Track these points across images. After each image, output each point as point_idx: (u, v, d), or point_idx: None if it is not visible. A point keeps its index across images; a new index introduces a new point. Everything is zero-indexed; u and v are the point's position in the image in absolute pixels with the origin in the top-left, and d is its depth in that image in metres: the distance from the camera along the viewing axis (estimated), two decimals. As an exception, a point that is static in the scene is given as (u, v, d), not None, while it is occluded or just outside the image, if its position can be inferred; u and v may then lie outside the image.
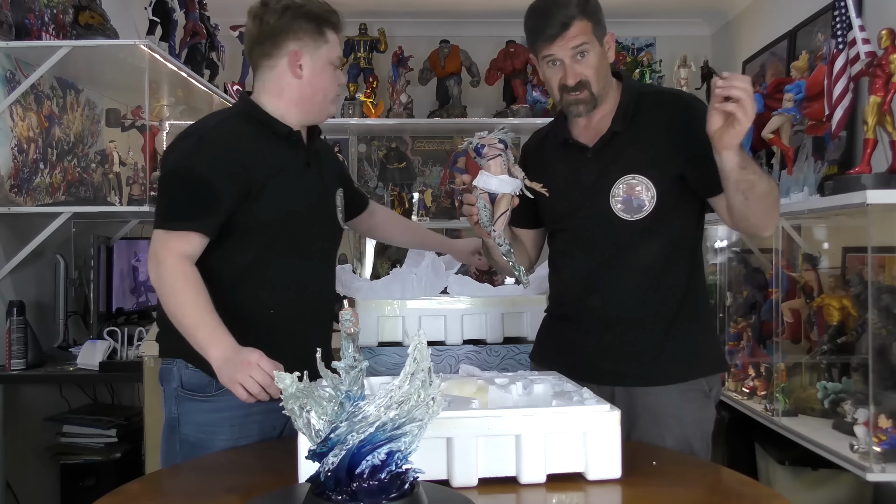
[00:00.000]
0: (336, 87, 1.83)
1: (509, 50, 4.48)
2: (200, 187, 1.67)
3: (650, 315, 1.78)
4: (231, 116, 1.82)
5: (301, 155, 1.83)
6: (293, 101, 1.79)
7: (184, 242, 1.65)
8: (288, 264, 1.78)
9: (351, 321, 1.12)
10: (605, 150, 1.79)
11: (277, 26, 1.76)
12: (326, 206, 1.88)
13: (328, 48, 1.79)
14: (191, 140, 1.73)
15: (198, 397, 1.75)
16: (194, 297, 1.62)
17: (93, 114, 3.56)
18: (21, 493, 2.85)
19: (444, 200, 4.63)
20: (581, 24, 1.71)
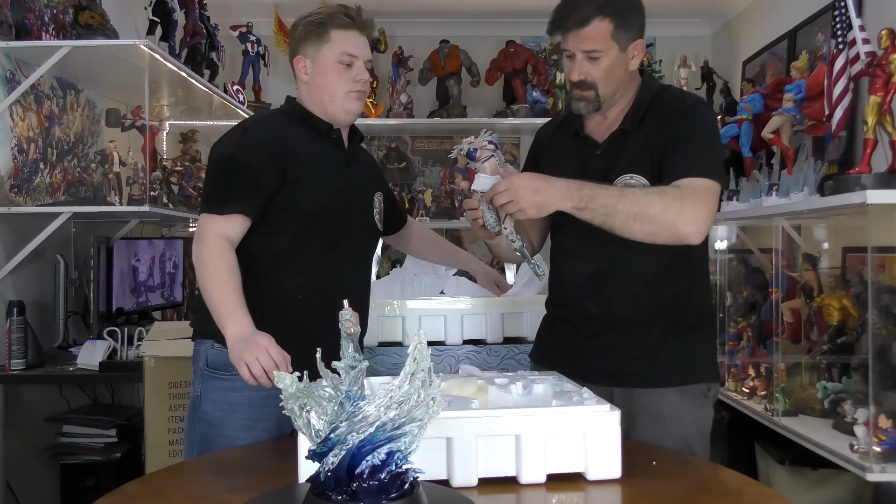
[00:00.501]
0: (345, 83, 1.86)
1: (509, 50, 4.48)
2: (241, 172, 1.78)
3: (650, 318, 1.77)
4: (276, 114, 1.96)
5: (341, 154, 1.92)
6: (310, 103, 1.90)
7: (225, 224, 1.75)
8: (321, 255, 1.86)
9: (351, 321, 1.12)
10: (613, 147, 1.78)
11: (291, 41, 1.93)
12: (363, 205, 1.96)
13: (330, 47, 1.84)
14: (236, 132, 1.85)
15: (220, 375, 1.81)
16: (225, 275, 1.70)
17: (93, 114, 3.56)
18: (21, 493, 2.85)
19: (444, 200, 4.63)
20: (601, 24, 1.69)
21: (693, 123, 1.73)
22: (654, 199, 1.62)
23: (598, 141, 1.81)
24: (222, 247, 1.74)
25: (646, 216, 1.62)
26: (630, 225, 1.63)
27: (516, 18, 4.52)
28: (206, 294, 1.71)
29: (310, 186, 1.83)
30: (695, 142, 1.71)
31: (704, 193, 1.66)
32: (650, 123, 1.76)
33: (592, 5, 1.69)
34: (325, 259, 1.87)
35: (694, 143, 1.71)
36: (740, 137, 3.09)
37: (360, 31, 1.88)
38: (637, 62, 1.78)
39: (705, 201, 1.66)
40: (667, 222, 1.62)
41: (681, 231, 1.64)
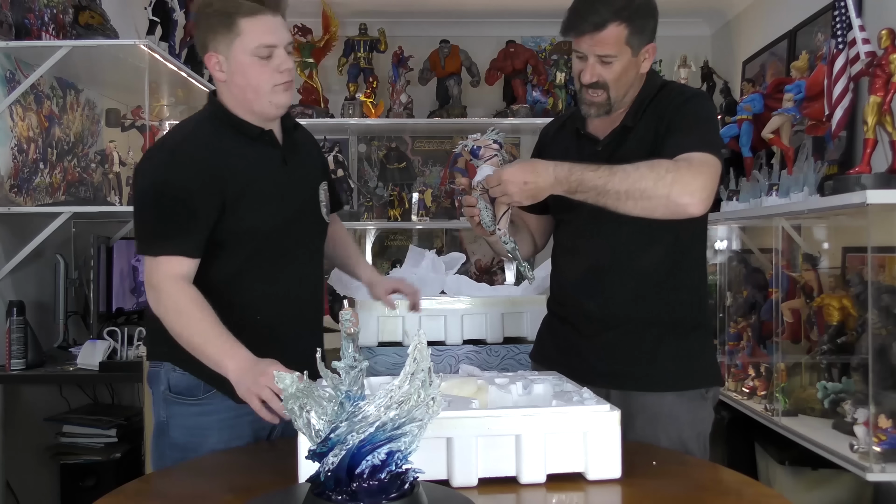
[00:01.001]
0: (268, 78, 1.67)
1: (509, 50, 4.48)
2: (177, 205, 1.62)
3: (648, 320, 1.77)
4: (201, 122, 1.76)
5: (277, 153, 1.77)
6: (233, 104, 1.72)
7: (175, 264, 1.62)
8: (273, 270, 1.74)
9: (351, 321, 1.12)
10: (613, 144, 1.78)
11: (196, 35, 1.73)
12: (309, 204, 1.83)
13: (242, 41, 1.65)
14: (162, 154, 1.69)
15: (186, 401, 1.72)
16: (199, 315, 1.59)
17: (93, 114, 3.56)
18: (21, 493, 2.85)
19: (444, 200, 4.63)
20: (616, 28, 1.68)
21: (690, 110, 1.72)
22: (645, 173, 1.58)
23: (599, 138, 1.81)
24: (181, 287, 1.61)
25: (638, 191, 1.57)
26: (623, 202, 1.59)
27: (516, 18, 4.52)
28: (186, 340, 1.60)
29: (252, 202, 1.69)
30: (691, 123, 1.69)
31: (700, 164, 1.60)
32: (649, 118, 1.76)
33: (610, 9, 1.67)
34: (278, 271, 1.75)
35: (692, 125, 1.69)
36: (740, 137, 3.09)
37: (272, 13, 1.67)
38: (648, 65, 1.77)
39: (702, 170, 1.59)
40: (660, 194, 1.57)
41: (676, 202, 1.57)
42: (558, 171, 1.62)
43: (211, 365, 1.59)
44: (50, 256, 3.06)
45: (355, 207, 4.46)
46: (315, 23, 4.35)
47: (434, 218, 4.51)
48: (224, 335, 1.58)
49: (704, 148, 1.64)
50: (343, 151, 4.53)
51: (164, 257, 1.62)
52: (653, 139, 1.72)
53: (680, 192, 1.57)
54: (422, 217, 4.48)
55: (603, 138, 1.80)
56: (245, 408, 1.62)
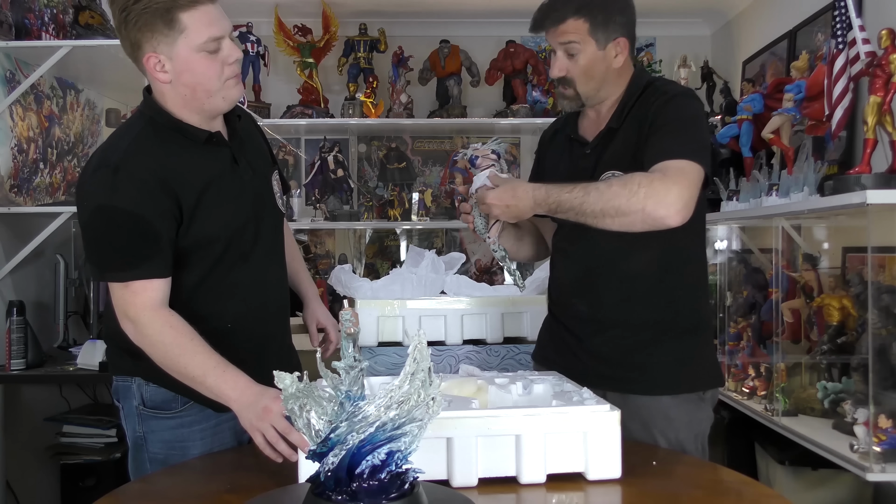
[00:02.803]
0: (218, 73, 1.56)
1: (509, 50, 4.47)
2: (134, 231, 1.52)
3: (641, 322, 1.76)
4: (141, 133, 1.60)
5: (226, 153, 1.66)
6: (178, 105, 1.60)
7: (150, 292, 1.53)
8: (238, 273, 1.67)
9: (351, 321, 1.12)
10: (600, 145, 1.79)
11: (123, 33, 1.57)
12: (264, 198, 1.75)
13: (187, 37, 1.52)
14: (104, 175, 1.54)
15: (162, 415, 1.67)
16: (191, 345, 1.52)
17: (93, 114, 3.56)
18: (21, 493, 2.85)
19: (444, 200, 4.63)
20: (575, 23, 1.72)
21: (672, 111, 1.70)
22: (618, 191, 1.58)
23: (588, 140, 1.82)
24: (163, 318, 1.53)
25: (613, 209, 1.58)
26: (601, 220, 1.61)
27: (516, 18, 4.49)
28: (180, 373, 1.52)
29: (209, 210, 1.59)
30: (672, 127, 1.68)
31: (676, 173, 1.59)
32: (634, 118, 1.75)
33: (569, 6, 1.72)
34: (243, 273, 1.68)
35: (671, 128, 1.68)
36: (740, 137, 3.09)
37: (211, 3, 1.54)
38: (621, 60, 1.77)
39: (677, 181, 1.58)
40: (635, 210, 1.57)
41: (653, 216, 1.57)
42: (537, 193, 1.66)
43: (209, 395, 1.53)
44: (50, 256, 3.06)
45: (355, 207, 4.46)
46: (315, 23, 4.35)
47: (434, 218, 4.51)
48: (221, 364, 1.51)
49: (683, 154, 1.62)
50: (343, 151, 4.53)
51: (137, 284, 1.53)
52: (636, 140, 1.72)
53: (655, 206, 1.56)
54: (422, 217, 4.48)
55: (591, 140, 1.81)
56: (225, 414, 1.62)
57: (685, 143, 1.64)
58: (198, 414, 1.66)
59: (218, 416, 1.66)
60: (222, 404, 1.57)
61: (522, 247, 1.97)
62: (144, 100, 1.65)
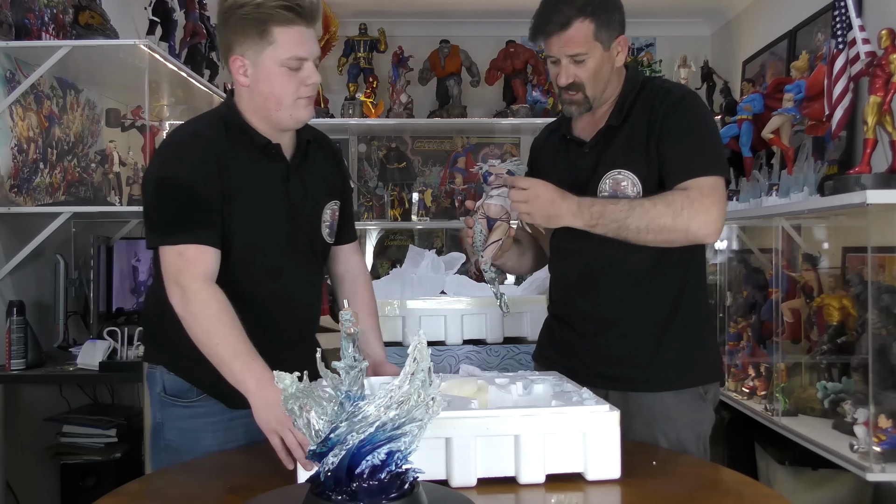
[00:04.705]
0: (293, 90, 1.63)
1: (509, 50, 4.48)
2: (190, 199, 1.59)
3: (642, 319, 1.77)
4: (211, 122, 1.70)
5: (279, 168, 1.71)
6: (250, 110, 1.67)
7: (202, 261, 1.56)
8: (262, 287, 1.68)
9: (351, 321, 1.12)
10: (600, 144, 1.78)
11: (221, 33, 1.66)
12: (309, 222, 1.75)
13: (274, 50, 1.60)
14: (169, 149, 1.66)
15: (179, 403, 1.70)
16: (230, 325, 1.52)
17: (93, 114, 3.56)
18: (21, 493, 2.85)
19: (443, 200, 4.63)
20: (582, 25, 1.69)
21: (685, 116, 1.72)
22: (663, 210, 1.64)
23: (585, 140, 1.81)
24: (212, 291, 1.54)
25: (658, 227, 1.65)
26: (643, 236, 1.66)
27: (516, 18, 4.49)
28: (210, 349, 1.52)
29: (244, 213, 1.64)
30: (692, 138, 1.71)
31: (712, 192, 1.67)
32: (636, 117, 1.75)
33: (572, 7, 1.69)
34: (266, 291, 1.68)
35: (692, 140, 1.71)
36: (740, 137, 3.09)
37: (306, 26, 1.62)
38: (622, 58, 1.77)
39: (714, 200, 1.67)
40: (679, 229, 1.65)
41: (695, 235, 1.67)
42: (582, 202, 1.67)
43: (230, 379, 1.51)
44: (50, 256, 3.06)
45: (355, 207, 4.47)
46: (315, 23, 4.35)
47: (434, 218, 4.51)
48: (252, 353, 1.50)
49: (710, 169, 1.69)
50: (343, 151, 4.54)
51: (191, 251, 1.56)
52: (644, 141, 1.72)
53: (699, 226, 1.65)
54: (422, 217, 4.48)
55: (589, 140, 1.80)
56: (238, 412, 1.62)
57: (711, 157, 1.71)
58: (211, 406, 1.68)
59: (231, 411, 1.66)
60: (234, 400, 1.57)
61: (524, 262, 1.97)
62: (226, 99, 1.75)
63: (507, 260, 1.84)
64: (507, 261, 1.85)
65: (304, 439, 1.31)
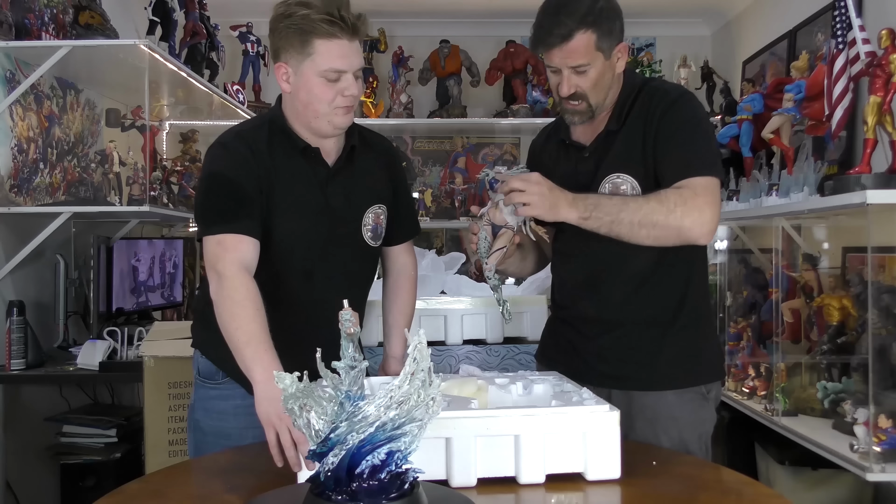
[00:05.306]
0: (330, 99, 1.68)
1: (509, 50, 4.48)
2: (233, 192, 1.67)
3: (646, 320, 1.77)
4: (258, 125, 1.79)
5: (320, 171, 1.76)
6: (292, 115, 1.75)
7: (240, 250, 1.63)
8: (293, 287, 1.74)
9: (351, 321, 1.12)
10: (600, 148, 1.78)
11: (270, 40, 1.73)
12: (348, 226, 1.79)
13: (313, 61, 1.65)
14: (217, 149, 1.75)
15: (208, 384, 1.81)
16: (252, 313, 1.56)
17: (93, 114, 3.56)
18: (21, 493, 2.85)
19: (443, 200, 4.63)
20: (584, 36, 1.67)
21: (680, 118, 1.72)
22: (656, 207, 1.64)
23: (585, 144, 1.81)
24: (245, 281, 1.60)
25: (650, 223, 1.64)
26: (636, 232, 1.66)
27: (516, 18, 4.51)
28: (230, 332, 1.57)
29: (282, 211, 1.71)
30: (686, 138, 1.70)
31: (705, 192, 1.66)
32: (634, 120, 1.75)
33: (574, 18, 1.67)
34: (297, 291, 1.74)
35: (685, 140, 1.70)
36: (740, 137, 3.09)
37: (348, 39, 1.66)
38: (622, 65, 1.76)
39: (707, 200, 1.66)
40: (672, 227, 1.64)
41: (687, 235, 1.66)
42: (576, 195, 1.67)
43: (241, 364, 1.55)
44: (50, 256, 3.06)
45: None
46: (315, 23, 4.34)
47: (434, 218, 4.51)
48: (266, 344, 1.53)
49: (704, 169, 1.69)
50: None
51: (229, 240, 1.63)
52: (640, 143, 1.72)
53: (691, 225, 1.65)
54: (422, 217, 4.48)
55: (589, 144, 1.80)
56: None
57: (705, 157, 1.71)
58: (235, 390, 1.75)
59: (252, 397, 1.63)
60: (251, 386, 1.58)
61: (526, 266, 1.97)
62: (275, 103, 1.82)
63: (510, 266, 1.84)
64: (510, 266, 1.85)
65: (301, 438, 1.34)
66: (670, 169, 1.69)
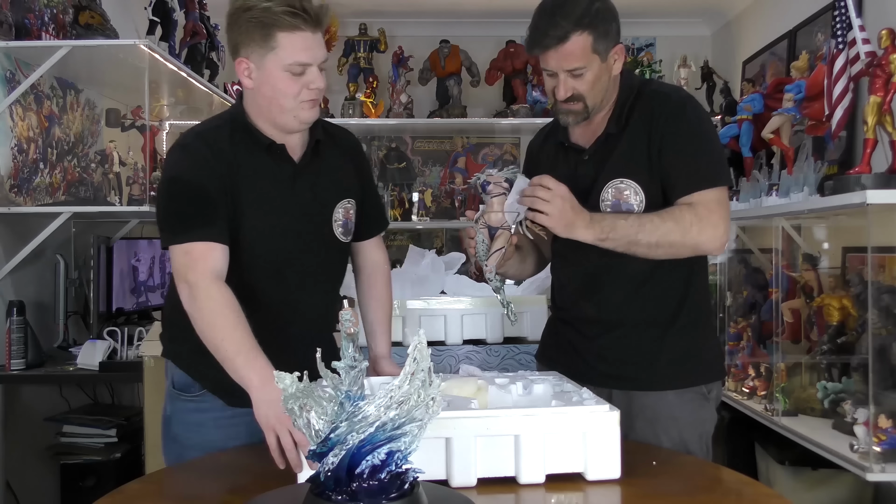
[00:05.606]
0: (295, 94, 1.62)
1: (509, 50, 4.48)
2: (197, 198, 1.61)
3: (646, 320, 1.77)
4: (218, 125, 1.71)
5: (286, 168, 1.70)
6: (255, 112, 1.68)
7: (209, 259, 1.57)
8: (265, 287, 1.69)
9: (351, 321, 1.12)
10: (600, 152, 1.77)
11: (229, 35, 1.66)
12: (317, 222, 1.74)
13: (276, 55, 1.59)
14: (176, 152, 1.69)
15: (184, 397, 1.74)
16: (235, 321, 1.52)
17: (93, 114, 3.56)
18: (21, 493, 2.85)
19: (444, 200, 4.63)
20: (580, 38, 1.66)
21: (688, 126, 1.72)
22: (672, 227, 1.67)
23: (585, 147, 1.80)
24: (219, 288, 1.55)
25: (667, 243, 1.67)
26: (653, 251, 1.69)
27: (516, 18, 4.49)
28: (215, 344, 1.53)
29: (250, 213, 1.65)
30: (695, 149, 1.71)
31: (718, 206, 1.70)
32: (636, 125, 1.74)
33: (569, 20, 1.66)
34: (269, 292, 1.69)
35: (695, 152, 1.71)
36: (740, 137, 3.09)
37: (311, 31, 1.60)
38: (619, 66, 1.76)
39: (722, 214, 1.70)
40: (689, 244, 1.69)
41: (703, 249, 1.72)
42: (594, 215, 1.68)
43: (233, 375, 1.51)
44: (50, 256, 3.06)
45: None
46: (315, 23, 4.34)
47: (434, 218, 4.51)
48: (256, 349, 1.50)
49: (715, 180, 1.71)
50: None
51: (198, 249, 1.57)
52: (645, 148, 1.72)
53: (707, 241, 1.70)
54: (422, 217, 4.48)
55: (588, 147, 1.80)
56: (239, 410, 1.62)
57: (714, 167, 1.73)
58: (213, 402, 1.70)
59: (233, 409, 1.66)
60: (234, 398, 1.59)
61: (526, 268, 1.97)
62: (236, 100, 1.76)
63: (510, 268, 1.84)
64: (510, 268, 1.85)
65: (302, 439, 1.33)
66: (680, 181, 1.70)
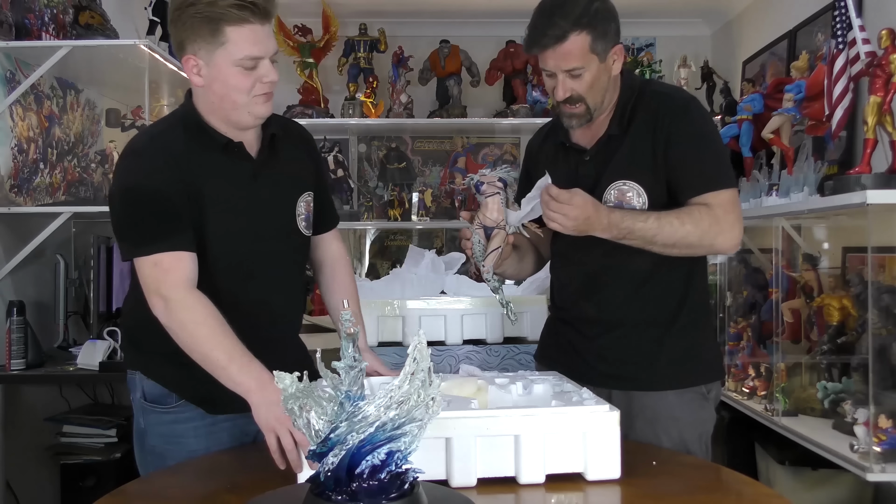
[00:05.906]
0: (248, 85, 1.57)
1: (509, 50, 4.48)
2: (158, 207, 1.56)
3: (646, 320, 1.78)
4: (171, 126, 1.66)
5: (245, 166, 1.66)
6: (208, 110, 1.63)
7: (180, 269, 1.53)
8: (235, 289, 1.64)
9: (351, 321, 1.12)
10: (602, 153, 1.78)
11: (173, 32, 1.61)
12: (281, 218, 1.71)
13: (226, 50, 1.54)
14: (129, 159, 1.63)
15: (160, 409, 1.69)
16: (221, 329, 1.50)
17: (93, 114, 3.56)
18: (21, 493, 2.85)
19: (444, 200, 4.62)
20: (578, 38, 1.66)
21: (694, 129, 1.73)
22: (691, 230, 1.68)
23: (586, 147, 1.80)
24: (196, 297, 1.52)
25: (685, 244, 1.69)
26: (669, 251, 1.71)
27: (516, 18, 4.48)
28: (204, 354, 1.50)
29: (213, 214, 1.60)
30: (703, 150, 1.72)
31: (733, 208, 1.73)
32: (638, 126, 1.75)
33: (568, 19, 1.66)
34: (238, 293, 1.64)
35: (703, 153, 1.72)
36: (740, 137, 3.09)
37: (260, 23, 1.55)
38: (618, 67, 1.76)
39: (736, 215, 1.73)
40: (705, 246, 1.72)
41: (720, 250, 1.76)
42: (612, 216, 1.68)
43: (227, 382, 1.49)
44: (50, 256, 3.06)
45: (355, 207, 4.46)
46: (315, 23, 4.35)
47: (434, 218, 4.51)
48: (247, 354, 1.49)
49: (725, 181, 1.73)
50: (343, 151, 4.53)
51: (167, 260, 1.53)
52: (650, 150, 1.72)
53: (723, 242, 1.73)
54: (422, 217, 4.47)
55: (590, 148, 1.80)
56: (220, 416, 1.63)
57: (722, 169, 1.76)
58: (192, 412, 1.67)
59: (212, 416, 1.66)
60: (213, 407, 1.60)
61: (524, 267, 1.97)
62: (184, 100, 1.69)
63: (508, 268, 1.84)
64: (508, 268, 1.85)
65: (302, 439, 1.33)
66: (691, 182, 1.71)
